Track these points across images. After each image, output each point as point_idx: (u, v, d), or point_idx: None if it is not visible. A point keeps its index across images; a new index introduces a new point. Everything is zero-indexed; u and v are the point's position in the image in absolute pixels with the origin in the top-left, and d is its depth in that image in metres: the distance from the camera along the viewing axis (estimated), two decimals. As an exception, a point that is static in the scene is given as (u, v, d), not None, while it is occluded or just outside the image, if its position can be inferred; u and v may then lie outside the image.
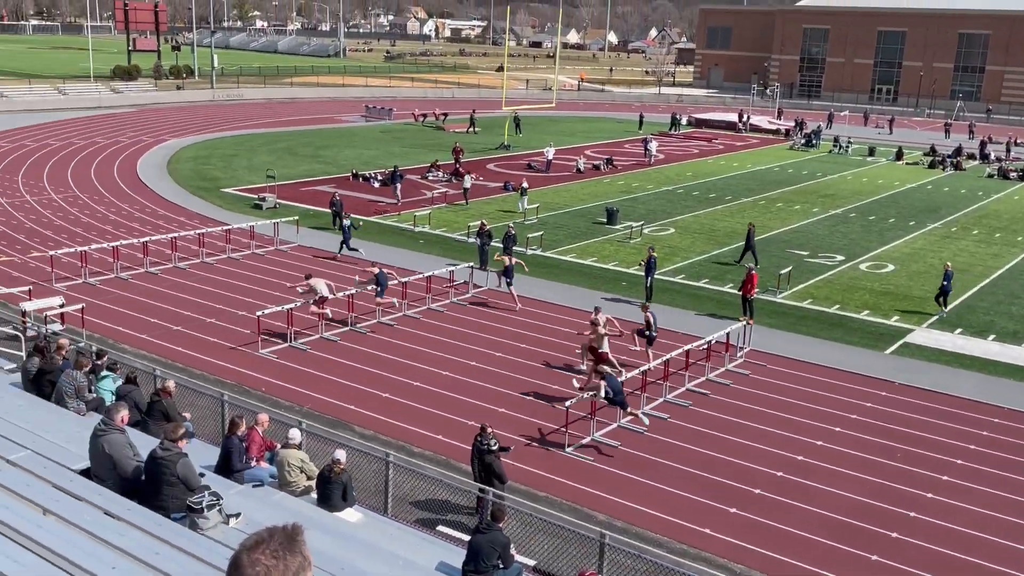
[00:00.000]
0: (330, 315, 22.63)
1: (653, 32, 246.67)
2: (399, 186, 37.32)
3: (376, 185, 40.82)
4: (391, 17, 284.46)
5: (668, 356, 19.41)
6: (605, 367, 17.56)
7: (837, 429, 17.86)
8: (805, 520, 14.47)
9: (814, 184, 46.62)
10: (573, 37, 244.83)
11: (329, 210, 33.33)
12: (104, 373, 14.56)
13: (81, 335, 20.30)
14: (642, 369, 18.66)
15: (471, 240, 30.87)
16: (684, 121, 69.89)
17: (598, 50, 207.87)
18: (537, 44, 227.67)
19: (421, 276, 25.22)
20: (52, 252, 26.53)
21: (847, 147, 59.86)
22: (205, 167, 44.69)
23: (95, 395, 13.66)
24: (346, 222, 29.30)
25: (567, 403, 16.91)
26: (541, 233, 32.11)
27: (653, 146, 52.76)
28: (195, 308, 23.81)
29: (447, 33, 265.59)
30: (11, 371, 15.56)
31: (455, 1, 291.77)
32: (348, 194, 37.37)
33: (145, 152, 48.22)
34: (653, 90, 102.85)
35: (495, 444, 13.90)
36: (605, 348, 19.61)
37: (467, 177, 38.68)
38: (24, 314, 20.12)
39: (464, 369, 20.35)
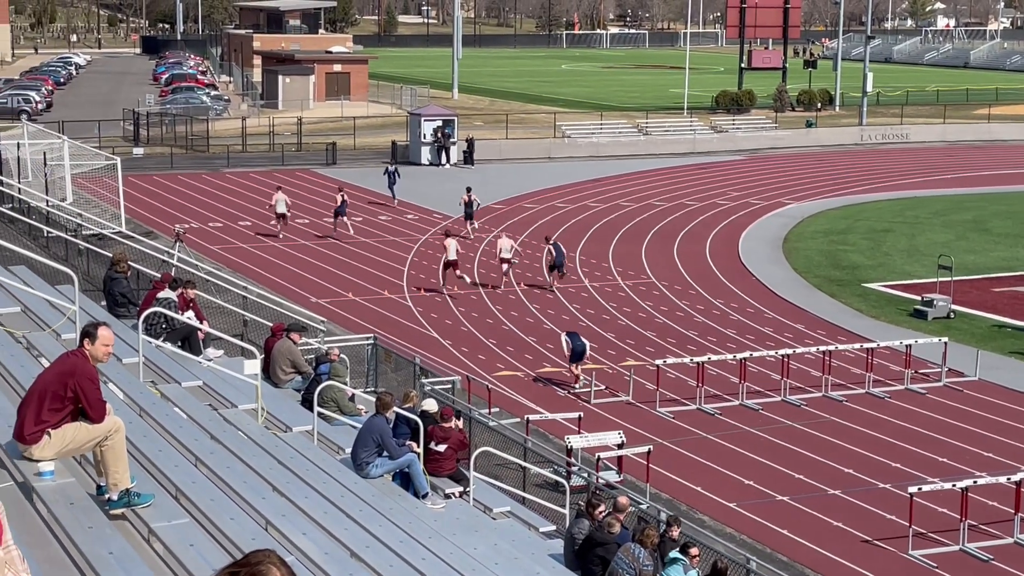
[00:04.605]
0: (280, 236, 44.47)
1: None
2: None
3: None
4: None
5: None
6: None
7: None
8: None
9: None
10: None
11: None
12: (674, 554, 15.68)
13: (644, 492, 22.11)
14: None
15: None
16: None
17: None
18: None
19: None
20: (611, 365, 29.49)
21: None
22: (840, 248, 46.45)
23: (660, 587, 14.78)
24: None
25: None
26: None
27: None
28: (809, 469, 24.64)
29: None
30: (548, 534, 17.46)
31: None
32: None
33: (752, 222, 51.55)
34: None
35: None
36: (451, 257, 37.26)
37: None
38: (569, 452, 22.52)
39: None
